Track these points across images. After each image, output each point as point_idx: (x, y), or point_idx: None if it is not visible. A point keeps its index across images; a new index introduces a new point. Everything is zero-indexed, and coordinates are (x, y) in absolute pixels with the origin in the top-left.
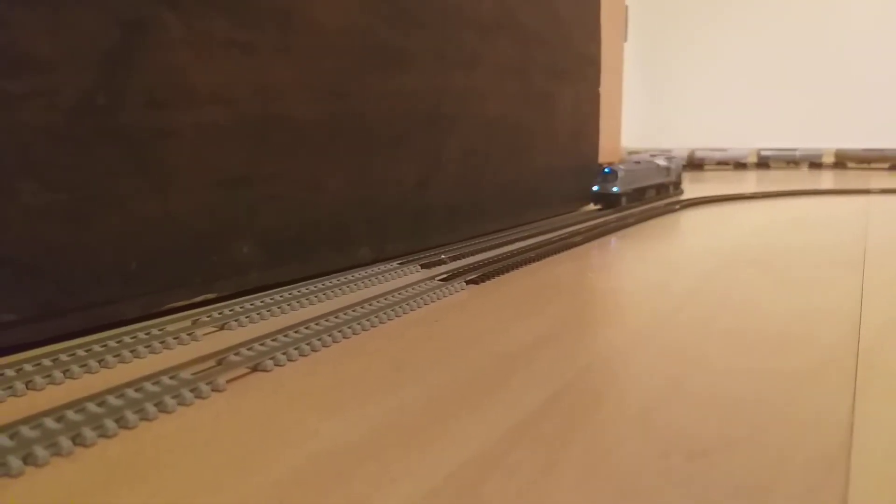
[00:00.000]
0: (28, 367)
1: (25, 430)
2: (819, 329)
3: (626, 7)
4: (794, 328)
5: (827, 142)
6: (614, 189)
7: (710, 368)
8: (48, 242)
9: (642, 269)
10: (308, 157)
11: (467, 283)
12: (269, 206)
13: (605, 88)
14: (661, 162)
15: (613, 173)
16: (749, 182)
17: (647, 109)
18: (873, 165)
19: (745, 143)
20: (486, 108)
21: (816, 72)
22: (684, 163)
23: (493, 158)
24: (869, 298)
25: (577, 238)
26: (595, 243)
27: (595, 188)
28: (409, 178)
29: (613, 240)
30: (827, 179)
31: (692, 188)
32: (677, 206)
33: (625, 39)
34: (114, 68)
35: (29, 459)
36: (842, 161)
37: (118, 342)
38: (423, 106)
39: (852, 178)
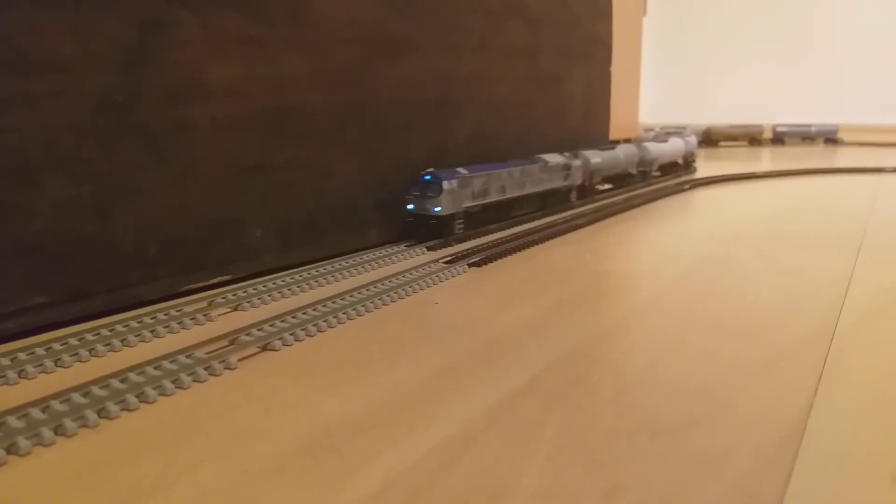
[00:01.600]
0: (56, 346)
1: (56, 405)
2: (797, 317)
3: None
4: (774, 316)
5: (843, 117)
6: (436, 209)
7: (685, 353)
8: (74, 231)
9: (639, 254)
10: (319, 144)
11: (469, 265)
12: (282, 193)
13: (623, 65)
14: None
15: (437, 183)
16: (763, 160)
17: (665, 85)
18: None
19: (762, 118)
20: (494, 92)
21: (831, 47)
22: (698, 138)
23: (500, 140)
24: (856, 285)
25: (581, 220)
26: (599, 225)
27: (409, 207)
28: (418, 161)
29: (616, 222)
30: (842, 156)
31: (706, 166)
32: (687, 186)
33: (644, 13)
34: (132, 67)
35: (59, 431)
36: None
37: (139, 322)
38: (431, 92)
39: (867, 155)
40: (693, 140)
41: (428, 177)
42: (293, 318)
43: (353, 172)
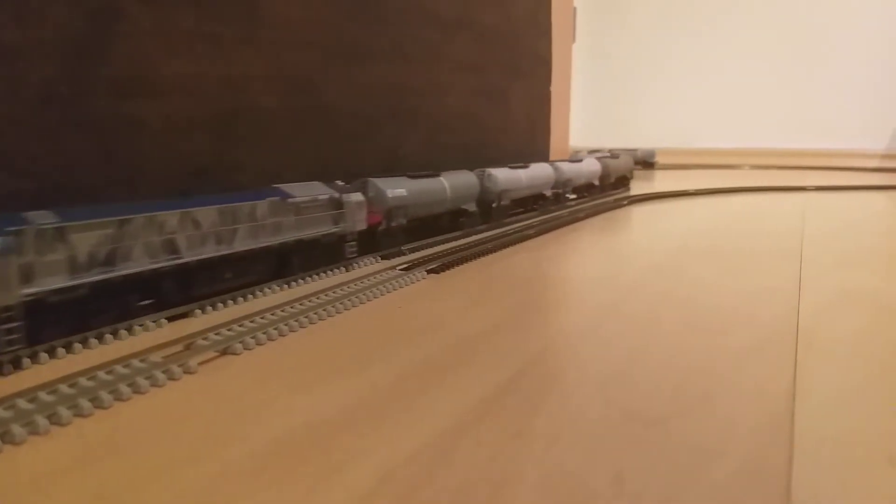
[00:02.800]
0: None
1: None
2: (758, 316)
3: (575, 9)
4: (736, 314)
5: (771, 141)
6: None
7: (658, 350)
8: None
9: (592, 262)
10: (271, 148)
11: (428, 272)
12: None
13: (554, 88)
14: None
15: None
16: (690, 180)
17: (596, 109)
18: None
19: (690, 141)
20: (445, 103)
21: (758, 70)
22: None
23: (452, 151)
24: (807, 285)
25: (531, 231)
26: (549, 236)
27: None
28: (372, 169)
29: (565, 233)
30: (766, 177)
31: (639, 185)
32: (625, 202)
33: (573, 40)
34: (79, 58)
35: (6, 438)
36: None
37: None
38: (385, 100)
39: (790, 176)
40: (596, 164)
41: None
42: (251, 322)
43: (305, 179)
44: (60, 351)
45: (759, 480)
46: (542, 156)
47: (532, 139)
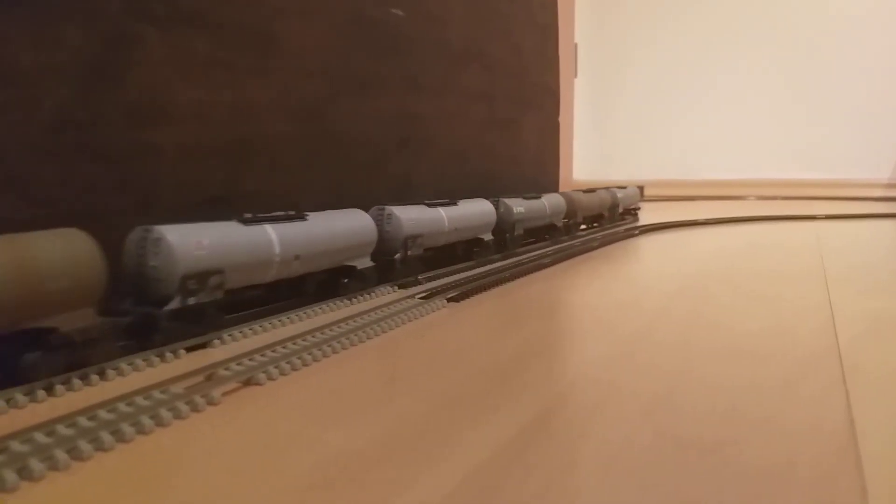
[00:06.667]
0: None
1: (15, 446)
2: (797, 341)
3: (576, 44)
4: (772, 341)
5: (773, 172)
6: None
7: (698, 379)
8: None
9: (614, 288)
10: (285, 176)
11: (448, 300)
12: None
13: (560, 120)
14: None
15: None
16: (698, 211)
17: (598, 143)
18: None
19: (692, 174)
20: (455, 132)
21: (760, 102)
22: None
23: (463, 180)
24: (839, 311)
25: (546, 260)
26: (565, 264)
27: None
28: (383, 197)
29: (581, 261)
30: (773, 207)
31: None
32: (637, 232)
33: (575, 75)
34: (95, 83)
35: (24, 473)
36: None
37: None
38: (395, 130)
39: (797, 206)
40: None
41: None
42: (273, 351)
43: (319, 206)
44: (77, 382)
45: None
46: (553, 186)
47: (542, 169)
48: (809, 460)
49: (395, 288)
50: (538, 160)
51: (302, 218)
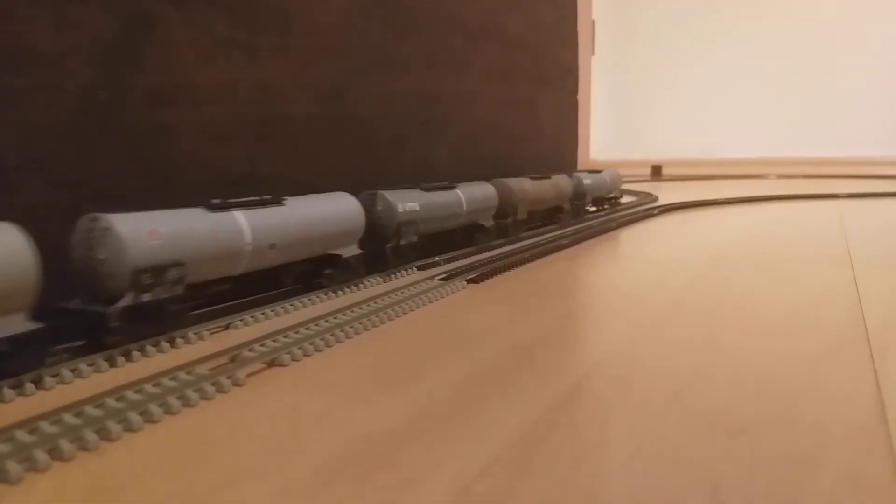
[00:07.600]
0: None
1: (45, 427)
2: (824, 320)
3: (594, 21)
4: (800, 319)
5: (793, 150)
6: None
7: (727, 354)
8: (50, 244)
9: (635, 267)
10: (306, 157)
11: (468, 281)
12: None
13: (579, 98)
14: None
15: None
16: (714, 190)
17: (614, 121)
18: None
19: (711, 152)
20: (475, 111)
21: (773, 82)
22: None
23: (482, 161)
24: (865, 291)
25: (566, 241)
26: (584, 245)
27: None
28: (406, 176)
29: (600, 242)
30: (794, 186)
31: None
32: (656, 212)
33: (592, 53)
34: (116, 64)
35: (55, 454)
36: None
37: None
38: (416, 108)
39: (818, 185)
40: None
41: None
42: (296, 332)
43: (340, 188)
44: (103, 364)
45: (866, 488)
46: (571, 167)
47: (559, 149)
48: (838, 442)
49: (415, 269)
50: (556, 140)
51: (278, 203)
